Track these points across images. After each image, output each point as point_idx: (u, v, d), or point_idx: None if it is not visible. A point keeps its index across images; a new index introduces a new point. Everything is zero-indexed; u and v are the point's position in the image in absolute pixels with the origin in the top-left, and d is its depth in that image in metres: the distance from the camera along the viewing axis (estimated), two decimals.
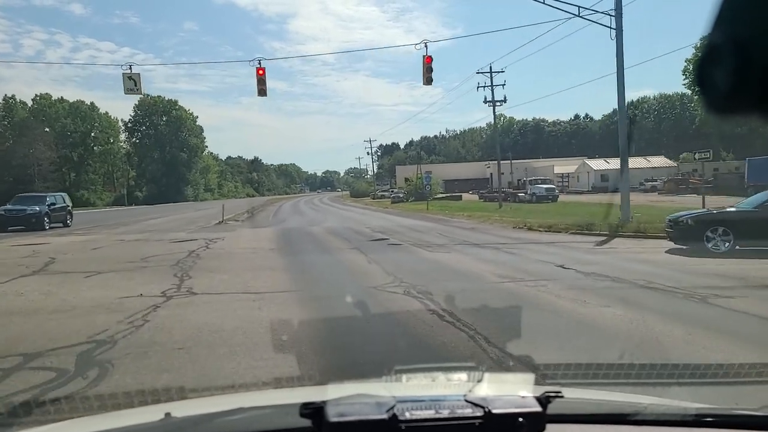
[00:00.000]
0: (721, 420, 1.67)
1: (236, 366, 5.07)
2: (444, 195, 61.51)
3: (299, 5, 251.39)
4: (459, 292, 8.74)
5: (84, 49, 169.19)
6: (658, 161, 73.41)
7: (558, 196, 48.15)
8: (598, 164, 72.19)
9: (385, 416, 1.31)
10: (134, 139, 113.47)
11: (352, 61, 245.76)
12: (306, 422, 1.36)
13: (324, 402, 1.36)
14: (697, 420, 1.64)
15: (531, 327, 6.53)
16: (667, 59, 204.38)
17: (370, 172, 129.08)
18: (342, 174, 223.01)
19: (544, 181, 51.85)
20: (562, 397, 1.48)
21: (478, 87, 40.93)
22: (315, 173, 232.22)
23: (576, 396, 1.96)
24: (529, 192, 48.63)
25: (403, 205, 54.24)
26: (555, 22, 34.98)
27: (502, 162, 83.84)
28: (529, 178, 53.12)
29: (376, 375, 1.91)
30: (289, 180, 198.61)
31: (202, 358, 5.42)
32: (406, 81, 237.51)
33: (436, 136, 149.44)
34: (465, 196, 64.27)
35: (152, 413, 1.78)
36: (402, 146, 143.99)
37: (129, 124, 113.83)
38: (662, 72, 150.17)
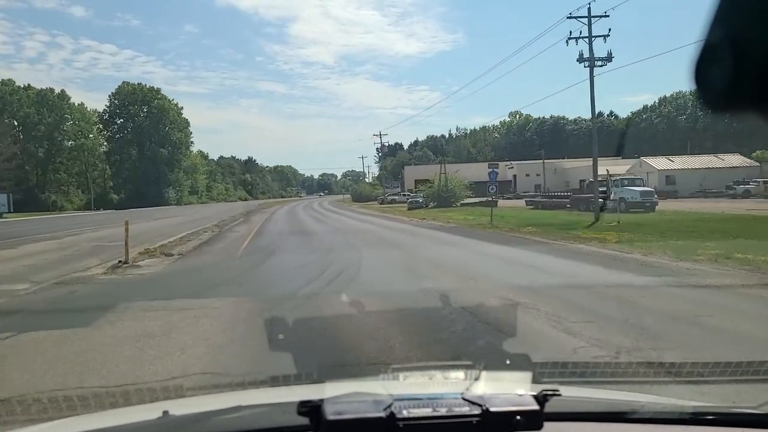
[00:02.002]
0: (718, 418, 1.66)
1: None
2: (473, 200, 47.88)
3: (299, 9, 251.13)
4: None
5: (86, 51, 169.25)
6: (736, 160, 59.85)
7: (657, 203, 33.27)
8: (660, 163, 58.93)
9: (382, 414, 1.31)
10: (109, 133, 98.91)
11: (352, 65, 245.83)
12: (304, 420, 1.36)
13: (322, 400, 1.36)
14: (695, 418, 1.64)
15: None
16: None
17: (369, 175, 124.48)
18: (339, 177, 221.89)
19: (633, 182, 36.03)
20: (559, 395, 1.48)
21: (567, 39, 26.71)
22: (312, 176, 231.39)
23: (573, 394, 1.97)
24: (615, 197, 32.09)
25: (426, 212, 39.61)
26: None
27: (523, 162, 78.23)
28: (615, 178, 35.83)
29: (373, 374, 1.91)
30: (285, 182, 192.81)
31: None
32: (404, 84, 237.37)
33: (443, 136, 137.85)
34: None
35: (150, 411, 1.78)
36: (405, 147, 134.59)
37: (104, 116, 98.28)
38: None
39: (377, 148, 74.54)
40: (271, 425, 1.54)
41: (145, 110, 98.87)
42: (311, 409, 1.35)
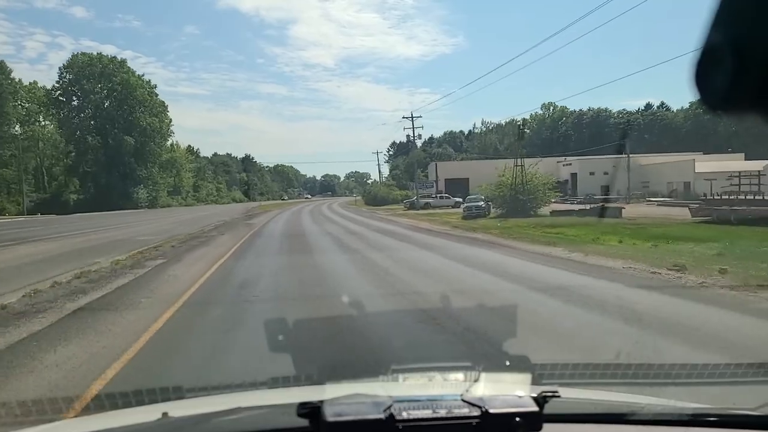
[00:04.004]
0: (717, 419, 1.67)
1: None
2: (561, 206, 35.84)
3: (300, 11, 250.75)
4: None
5: (86, 51, 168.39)
6: None
7: None
8: None
9: (382, 416, 1.31)
10: (62, 116, 78.12)
11: (353, 67, 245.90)
12: (303, 422, 1.36)
13: (321, 401, 1.36)
14: (694, 419, 1.64)
15: None
16: None
17: (379, 175, 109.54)
18: (342, 178, 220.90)
19: None
20: (558, 396, 1.48)
21: None
22: (314, 176, 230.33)
23: (573, 396, 1.97)
24: None
25: (500, 226, 24.56)
26: None
27: (587, 159, 61.83)
28: None
29: (373, 375, 1.91)
30: (286, 183, 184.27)
31: None
32: (405, 87, 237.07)
33: (461, 132, 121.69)
34: (568, 206, 37.01)
35: (149, 413, 1.78)
36: (419, 143, 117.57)
37: (53, 94, 77.33)
38: None
39: (407, 136, 54.56)
40: (270, 427, 1.54)
41: (105, 87, 78.12)
42: (311, 410, 1.35)
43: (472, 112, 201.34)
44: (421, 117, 59.77)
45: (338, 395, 1.48)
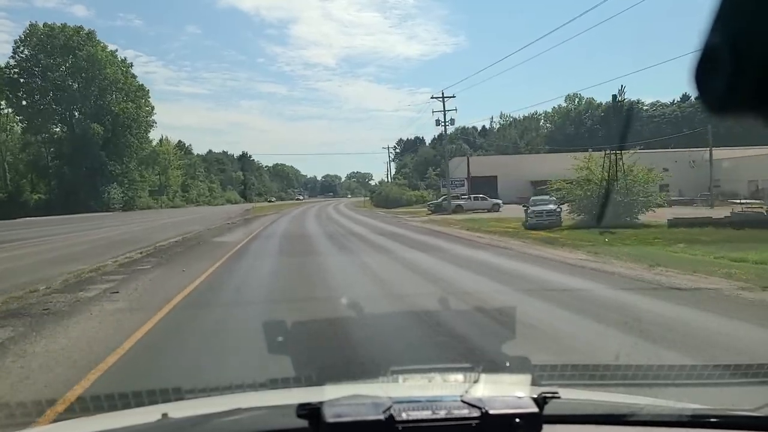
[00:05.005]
0: (717, 420, 1.67)
1: None
2: (670, 209, 26.64)
3: (301, 10, 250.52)
4: None
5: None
6: None
7: None
8: None
9: (381, 417, 1.31)
10: (18, 98, 64.88)
11: (354, 67, 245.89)
12: (303, 423, 1.36)
13: (321, 402, 1.36)
14: (694, 420, 1.64)
15: None
16: None
17: (375, 175, 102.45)
18: (344, 179, 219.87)
19: None
20: (558, 397, 1.48)
21: None
22: (315, 176, 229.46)
23: (573, 396, 1.97)
24: None
25: (616, 243, 16.98)
26: None
27: (644, 152, 35.66)
28: None
29: (372, 376, 1.91)
30: (285, 183, 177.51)
31: None
32: (406, 87, 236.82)
33: (474, 127, 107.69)
34: (678, 210, 28.07)
35: (149, 414, 1.78)
36: (428, 141, 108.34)
37: (7, 72, 63.84)
38: None
39: (437, 120, 47.61)
40: (270, 428, 1.54)
41: (68, 63, 63.98)
42: (310, 411, 1.35)
43: (482, 108, 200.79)
44: (454, 97, 48.96)
45: (338, 396, 1.48)
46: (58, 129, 66.39)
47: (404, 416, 1.33)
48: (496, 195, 49.01)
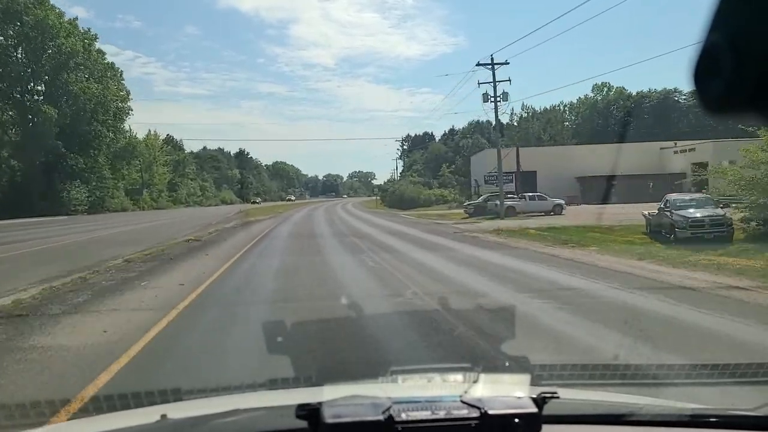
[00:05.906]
0: (717, 420, 1.67)
1: None
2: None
3: (300, 11, 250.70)
4: None
5: None
6: None
7: None
8: None
9: (380, 417, 1.31)
10: None
11: (354, 67, 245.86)
12: (302, 423, 1.36)
13: (320, 403, 1.36)
14: (693, 420, 1.64)
15: None
16: None
17: (378, 174, 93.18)
18: (345, 178, 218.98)
19: None
20: (558, 397, 1.48)
21: None
22: (316, 176, 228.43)
23: (572, 396, 1.97)
24: None
25: None
26: None
27: (714, 141, 36.45)
28: None
29: (372, 376, 1.90)
30: (286, 183, 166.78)
31: None
32: (406, 87, 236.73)
33: (488, 121, 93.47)
34: None
35: (148, 415, 1.78)
36: (437, 137, 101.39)
37: None
38: None
39: (483, 93, 35.33)
40: (269, 428, 1.54)
41: (12, 30, 51.17)
42: (310, 412, 1.35)
43: (475, 110, 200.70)
44: (507, 63, 35.73)
45: (337, 397, 1.48)
46: (3, 113, 52.41)
47: (403, 416, 1.33)
48: (535, 192, 39.15)
